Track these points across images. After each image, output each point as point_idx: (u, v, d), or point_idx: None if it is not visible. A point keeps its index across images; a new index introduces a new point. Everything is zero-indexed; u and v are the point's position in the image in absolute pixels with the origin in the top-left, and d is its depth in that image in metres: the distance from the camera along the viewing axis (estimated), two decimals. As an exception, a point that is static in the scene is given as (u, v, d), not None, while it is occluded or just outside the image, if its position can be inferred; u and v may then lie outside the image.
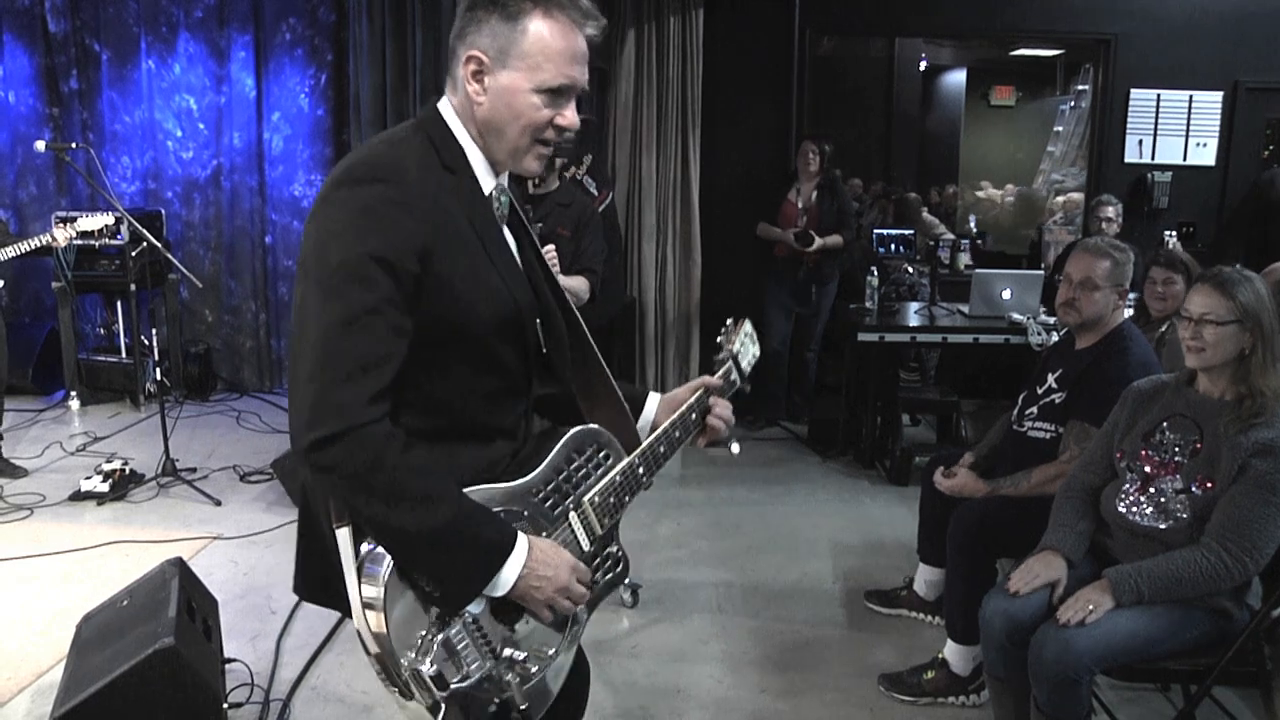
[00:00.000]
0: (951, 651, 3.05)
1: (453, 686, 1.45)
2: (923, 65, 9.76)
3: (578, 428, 1.65)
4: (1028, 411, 3.23)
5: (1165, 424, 2.53)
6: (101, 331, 6.84)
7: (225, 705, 2.76)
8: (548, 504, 1.59)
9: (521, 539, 1.49)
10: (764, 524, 4.59)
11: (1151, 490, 2.48)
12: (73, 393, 6.36)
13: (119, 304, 6.57)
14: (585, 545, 1.64)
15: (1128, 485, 2.54)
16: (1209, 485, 2.39)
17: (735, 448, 1.83)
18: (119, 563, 3.96)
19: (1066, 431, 3.03)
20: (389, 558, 1.42)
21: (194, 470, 5.04)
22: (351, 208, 1.39)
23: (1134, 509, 2.50)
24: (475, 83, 1.48)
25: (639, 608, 3.67)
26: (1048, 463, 3.01)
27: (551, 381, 1.69)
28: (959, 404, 5.54)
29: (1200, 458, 2.42)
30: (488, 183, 1.56)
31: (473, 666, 1.48)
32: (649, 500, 4.81)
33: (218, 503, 4.67)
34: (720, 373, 1.88)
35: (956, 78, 10.29)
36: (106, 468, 4.78)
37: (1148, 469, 2.51)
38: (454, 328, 1.47)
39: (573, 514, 1.62)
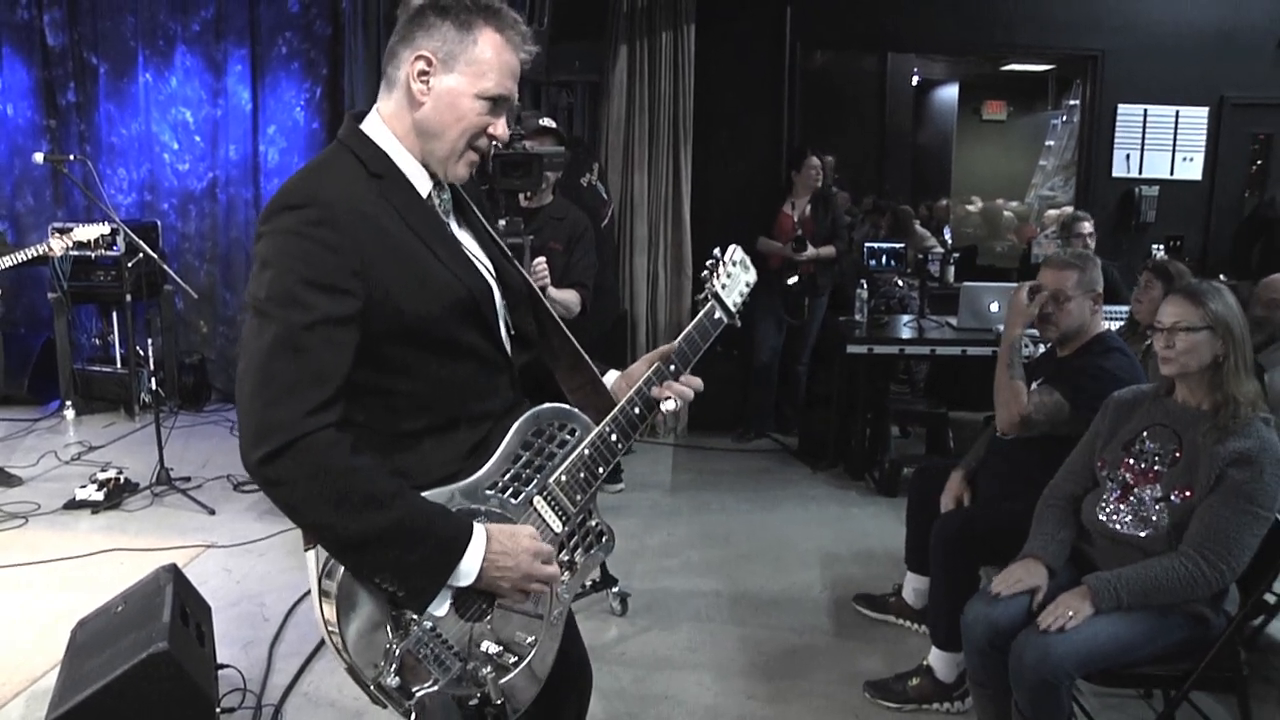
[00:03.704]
0: (936, 658, 3.09)
1: (418, 695, 1.50)
2: (915, 80, 9.82)
3: (533, 410, 1.66)
4: (1011, 421, 3.27)
5: (1145, 433, 2.58)
6: (97, 342, 6.88)
7: (218, 710, 2.78)
8: (507, 494, 1.61)
9: (479, 529, 1.53)
10: (753, 534, 4.63)
11: (1132, 499, 2.53)
12: (68, 402, 6.38)
13: (114, 315, 6.62)
14: (557, 527, 1.66)
15: (1108, 494, 2.59)
16: (1188, 494, 2.43)
17: (669, 405, 1.74)
18: (113, 570, 3.98)
19: (1035, 390, 3.10)
20: (338, 583, 1.47)
21: (188, 479, 5.07)
22: (280, 237, 1.45)
23: (1114, 517, 2.55)
24: (420, 82, 1.54)
25: (628, 616, 3.71)
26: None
27: (524, 351, 1.76)
28: (947, 415, 5.58)
29: (1179, 467, 2.47)
30: (423, 185, 1.61)
31: (438, 672, 1.52)
32: (639, 510, 4.86)
33: (211, 512, 4.70)
34: (699, 316, 1.83)
35: (949, 92, 10.35)
36: (101, 477, 4.81)
37: (1128, 478, 2.56)
38: (412, 329, 1.52)
39: (537, 499, 1.64)
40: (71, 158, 5.10)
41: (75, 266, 6.25)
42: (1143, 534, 2.48)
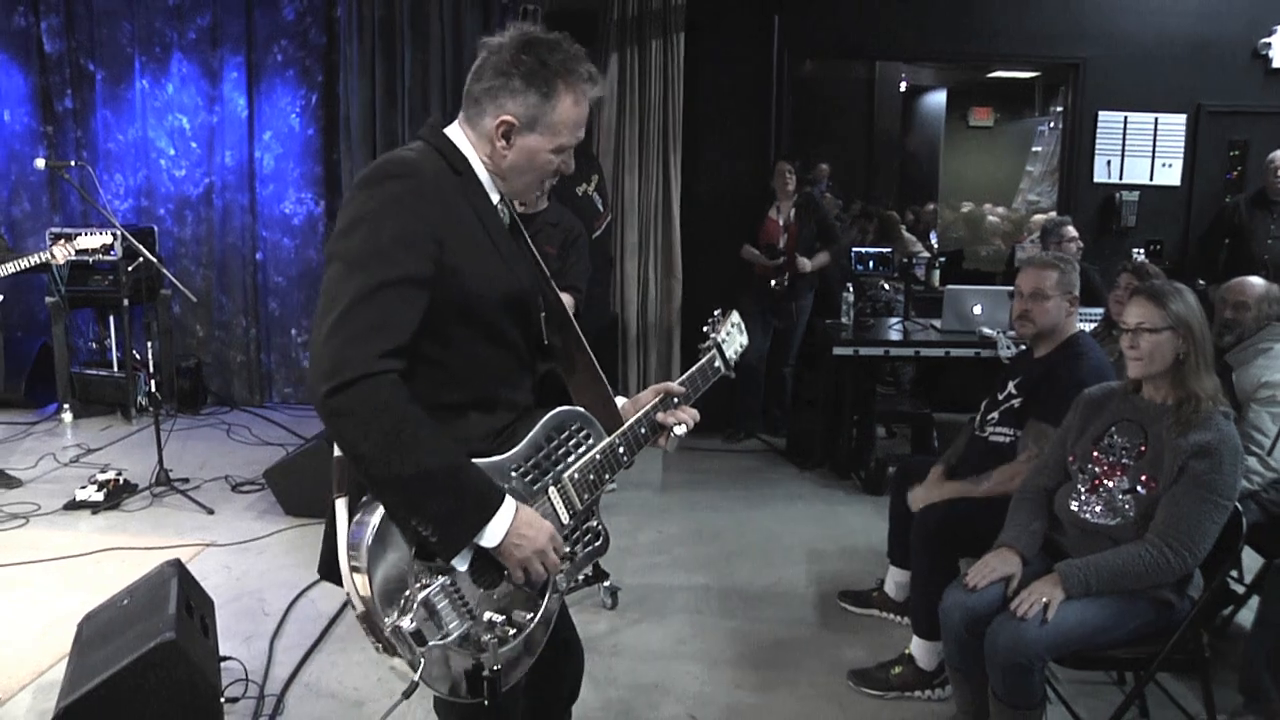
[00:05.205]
0: (917, 647, 3.20)
1: (431, 643, 1.59)
2: (903, 86, 9.95)
3: (559, 408, 1.82)
4: (989, 417, 3.39)
5: (1113, 428, 2.69)
6: (94, 346, 6.95)
7: (222, 699, 2.87)
8: (528, 479, 1.75)
9: (509, 499, 1.66)
10: (742, 531, 4.73)
11: (1101, 490, 2.64)
12: (65, 405, 6.46)
13: (111, 319, 6.69)
14: (565, 518, 1.80)
15: (1079, 486, 2.70)
16: (1153, 485, 2.55)
17: (680, 430, 1.97)
18: (115, 568, 4.06)
19: (1025, 431, 3.19)
20: (373, 525, 1.57)
21: (186, 481, 5.15)
22: (377, 200, 1.61)
23: (1085, 508, 2.66)
24: (503, 140, 1.73)
25: (619, 610, 3.81)
26: (1007, 464, 3.17)
27: (548, 360, 1.91)
28: (932, 416, 5.70)
29: (1145, 459, 2.59)
30: (494, 194, 1.79)
31: (450, 626, 1.62)
32: (631, 508, 4.95)
33: (210, 511, 4.78)
34: (702, 361, 2.07)
35: (937, 98, 10.48)
36: (101, 478, 4.88)
37: (1097, 470, 2.67)
38: (468, 307, 1.68)
39: (552, 489, 1.78)
40: (73, 164, 5.17)
41: (73, 271, 6.34)
42: (1112, 523, 2.59)
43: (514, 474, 1.73)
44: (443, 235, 1.63)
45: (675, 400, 1.98)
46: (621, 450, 1.89)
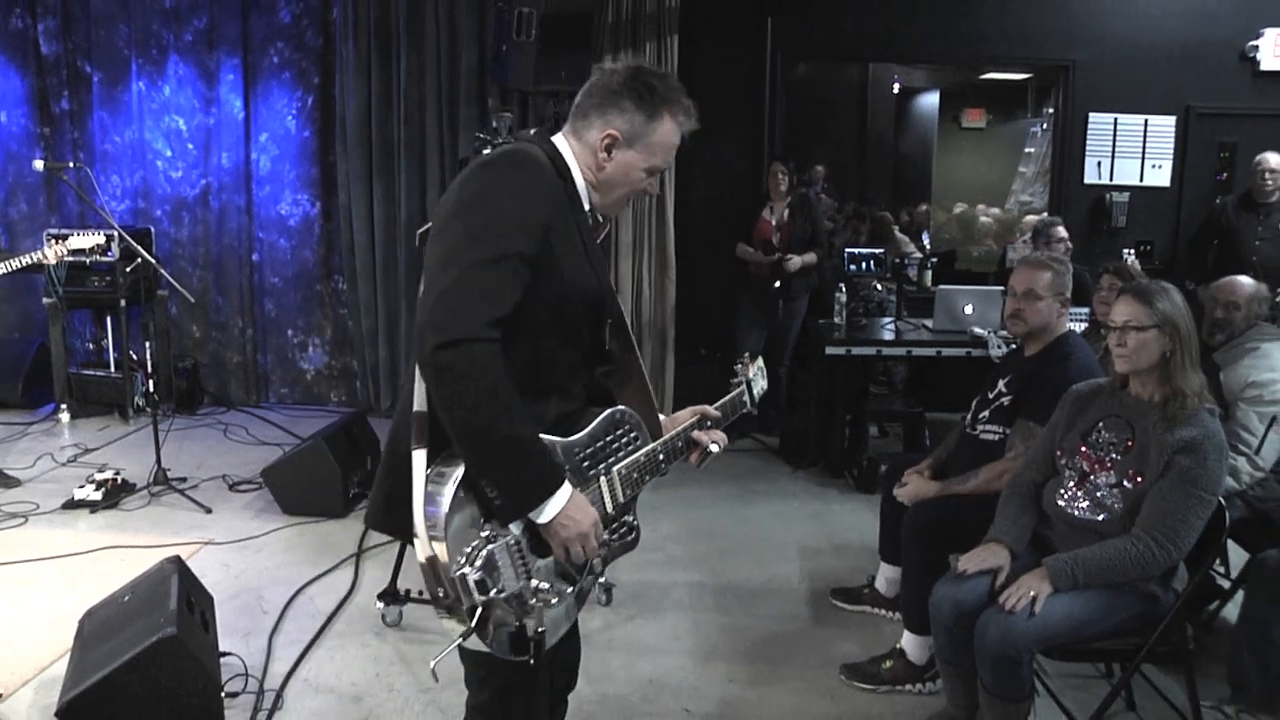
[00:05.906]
0: (908, 642, 3.24)
1: (490, 594, 1.66)
2: (896, 88, 10.00)
3: (618, 407, 1.97)
4: (980, 415, 3.43)
5: (1101, 424, 2.74)
6: (91, 346, 6.97)
7: (222, 694, 2.91)
8: (584, 464, 1.88)
9: (567, 483, 1.78)
10: (736, 529, 4.78)
11: (1088, 485, 2.69)
12: (62, 406, 6.48)
13: (108, 319, 6.71)
14: (609, 508, 1.92)
15: (1067, 481, 2.75)
16: (1139, 480, 2.59)
17: (714, 449, 2.16)
18: (114, 566, 4.09)
19: (1013, 430, 3.24)
20: (449, 491, 1.66)
21: (184, 480, 5.17)
22: (503, 182, 1.77)
23: (1072, 503, 2.71)
24: (605, 152, 1.89)
25: (615, 606, 3.85)
26: (994, 461, 3.21)
27: (606, 364, 2.03)
28: (924, 415, 5.75)
29: (1132, 454, 2.63)
30: (586, 202, 1.94)
31: (508, 581, 1.71)
32: (626, 507, 4.98)
33: (208, 510, 4.81)
34: (733, 394, 2.31)
35: (929, 100, 10.52)
36: (99, 477, 4.91)
37: (1085, 466, 2.72)
38: (557, 297, 1.80)
39: (603, 479, 1.92)
40: (71, 165, 5.19)
41: (70, 272, 6.36)
42: (1099, 518, 2.64)
43: (576, 457, 1.86)
44: (551, 226, 1.76)
45: (709, 423, 2.15)
46: (661, 457, 2.03)
